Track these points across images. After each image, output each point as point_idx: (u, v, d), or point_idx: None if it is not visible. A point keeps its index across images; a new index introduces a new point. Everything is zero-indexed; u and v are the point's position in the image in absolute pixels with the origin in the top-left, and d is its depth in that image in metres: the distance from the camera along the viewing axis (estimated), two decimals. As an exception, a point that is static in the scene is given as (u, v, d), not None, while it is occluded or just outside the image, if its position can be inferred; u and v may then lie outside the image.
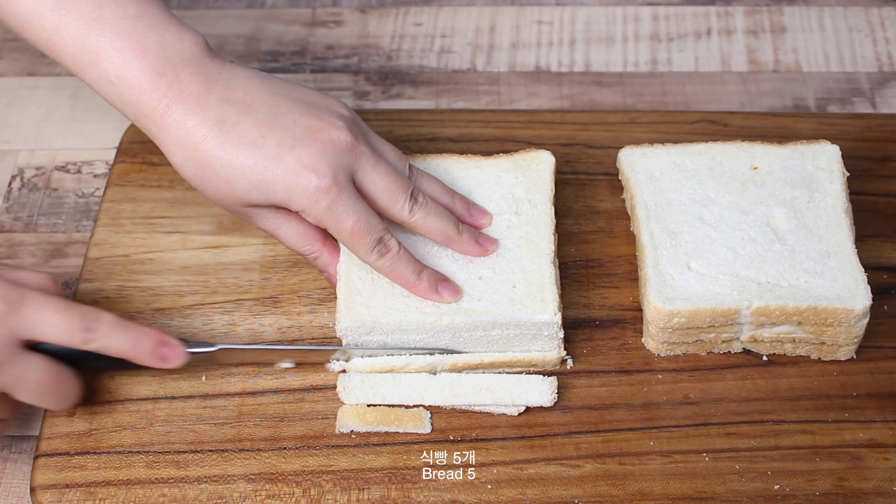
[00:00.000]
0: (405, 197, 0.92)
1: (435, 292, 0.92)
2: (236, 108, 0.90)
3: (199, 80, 0.90)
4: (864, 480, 0.88)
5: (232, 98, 0.90)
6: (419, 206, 0.93)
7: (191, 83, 0.89)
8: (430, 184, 0.96)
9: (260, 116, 0.90)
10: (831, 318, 0.91)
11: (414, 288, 0.92)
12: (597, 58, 1.22)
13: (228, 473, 0.89)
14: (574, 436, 0.91)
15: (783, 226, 0.96)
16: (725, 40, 1.23)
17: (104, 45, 0.89)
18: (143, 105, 0.89)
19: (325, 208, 0.89)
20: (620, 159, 1.02)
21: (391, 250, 0.92)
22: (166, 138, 0.90)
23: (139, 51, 0.89)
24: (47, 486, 0.88)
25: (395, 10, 1.26)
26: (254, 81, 0.92)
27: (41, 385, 0.86)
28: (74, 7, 0.89)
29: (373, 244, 0.91)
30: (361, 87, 1.19)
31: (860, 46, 1.22)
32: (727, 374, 0.94)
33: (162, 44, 0.89)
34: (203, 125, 0.89)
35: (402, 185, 0.92)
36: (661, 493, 0.88)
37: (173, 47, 0.90)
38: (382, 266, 0.92)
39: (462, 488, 0.88)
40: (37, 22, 0.90)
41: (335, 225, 0.90)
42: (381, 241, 0.91)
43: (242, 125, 0.89)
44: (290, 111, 0.91)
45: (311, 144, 0.89)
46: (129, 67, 0.89)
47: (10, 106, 1.18)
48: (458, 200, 0.97)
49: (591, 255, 1.01)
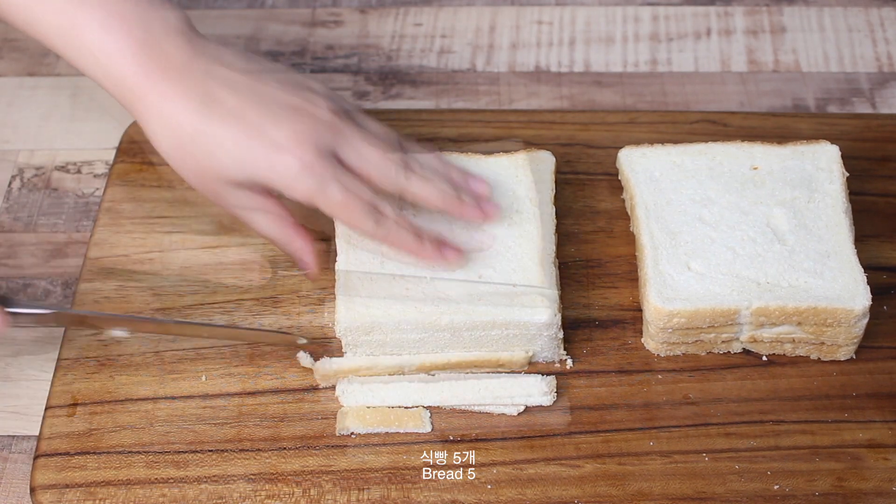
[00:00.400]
0: (398, 163, 0.91)
1: (439, 255, 0.92)
2: (219, 83, 0.89)
3: (182, 51, 0.89)
4: (864, 480, 0.88)
5: (214, 72, 0.89)
6: (415, 174, 0.92)
7: (174, 54, 0.89)
8: (423, 155, 0.95)
9: (243, 92, 0.89)
10: (831, 318, 0.91)
11: (418, 252, 0.91)
12: (596, 58, 1.22)
13: (228, 473, 0.89)
14: (574, 436, 0.91)
15: (783, 226, 0.96)
16: (725, 40, 1.23)
17: (86, 17, 0.88)
18: (127, 83, 0.89)
19: (312, 184, 0.88)
20: (620, 159, 1.02)
21: (387, 215, 0.90)
22: (149, 115, 0.89)
23: (121, 21, 0.88)
24: (47, 486, 0.88)
25: (395, 10, 1.26)
26: (237, 59, 0.91)
27: None
28: None
29: (366, 211, 0.89)
30: (361, 87, 1.19)
31: (860, 46, 1.22)
32: (727, 375, 0.94)
33: (145, 19, 0.89)
34: (186, 100, 0.88)
35: (392, 155, 0.91)
36: (661, 494, 0.88)
37: (156, 20, 0.89)
38: (381, 233, 0.90)
39: (462, 488, 0.88)
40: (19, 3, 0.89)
41: (323, 198, 0.89)
42: (374, 206, 0.90)
43: (225, 101, 0.88)
44: (273, 89, 0.90)
45: (294, 121, 0.89)
46: (111, 39, 0.88)
47: (10, 106, 1.18)
48: (454, 170, 0.95)
49: (591, 255, 1.01)
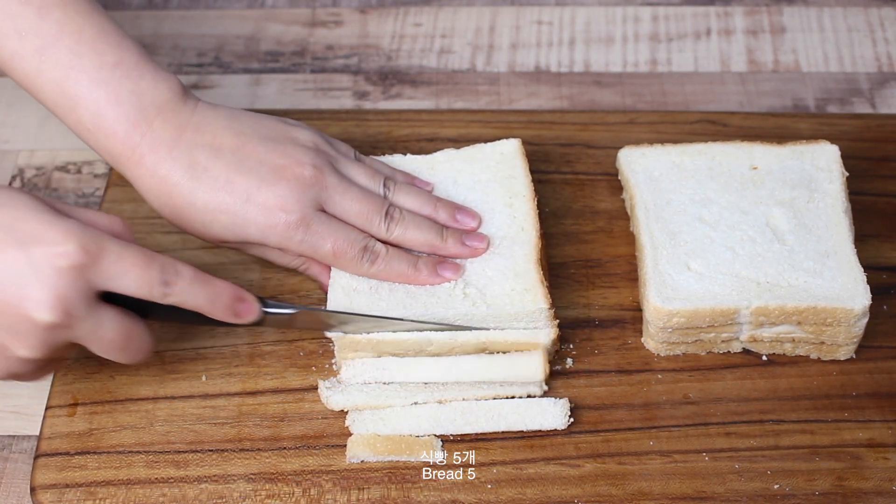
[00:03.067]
0: (380, 217, 0.95)
1: (437, 276, 0.94)
2: (205, 153, 0.92)
3: (171, 126, 0.92)
4: (864, 480, 0.88)
5: (201, 142, 0.93)
6: (395, 223, 0.95)
7: (163, 131, 0.92)
8: (409, 196, 0.98)
9: (228, 160, 0.92)
10: (831, 317, 0.91)
11: (415, 279, 0.94)
12: (596, 58, 1.22)
13: (228, 473, 0.89)
14: (574, 435, 0.91)
15: (783, 226, 0.96)
16: (725, 40, 1.23)
17: (82, 94, 0.91)
18: (118, 154, 0.92)
19: (300, 241, 0.93)
20: (620, 159, 1.02)
21: (379, 254, 0.94)
22: (142, 185, 0.93)
23: (115, 101, 0.91)
24: (47, 485, 0.88)
25: (395, 10, 1.26)
26: (221, 123, 0.94)
27: (115, 340, 0.85)
28: (53, 54, 0.91)
29: (359, 256, 0.93)
30: (361, 87, 1.19)
31: (860, 46, 1.22)
32: (727, 374, 0.94)
33: (137, 93, 0.92)
34: (174, 172, 0.92)
35: (374, 206, 0.95)
36: (661, 493, 0.88)
37: (148, 95, 0.92)
38: (377, 272, 0.94)
39: (462, 488, 0.88)
40: (18, 65, 0.92)
41: (315, 252, 0.93)
42: (366, 249, 0.94)
43: (211, 170, 0.92)
44: (257, 151, 0.93)
45: (278, 184, 0.92)
46: (104, 117, 0.91)
47: (10, 106, 1.18)
48: (441, 208, 0.98)
49: (591, 255, 1.01)
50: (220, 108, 0.96)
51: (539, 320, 0.92)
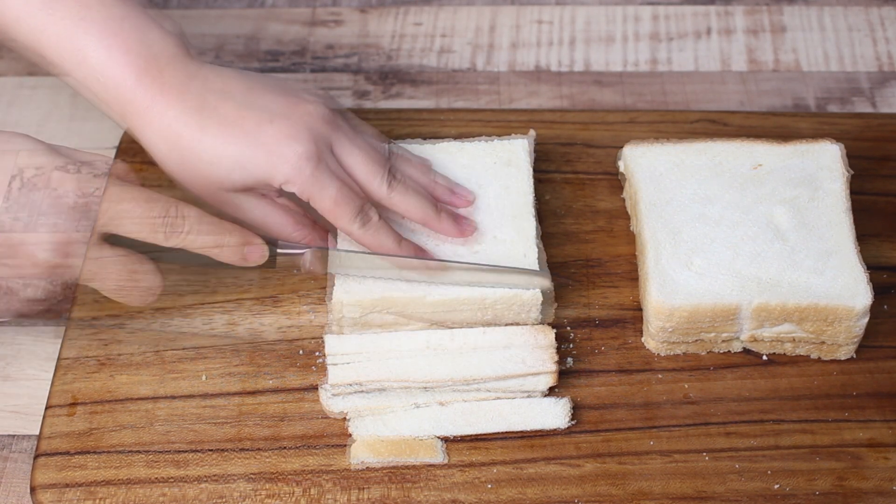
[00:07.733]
0: (383, 173, 0.94)
1: None
2: (215, 95, 0.92)
3: (181, 74, 0.92)
4: (864, 480, 0.88)
5: (211, 88, 0.92)
6: (398, 183, 0.94)
7: (172, 78, 0.92)
8: (410, 165, 0.98)
9: (238, 100, 0.92)
10: (832, 316, 0.91)
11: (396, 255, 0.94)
12: (597, 57, 1.22)
13: (228, 473, 0.89)
14: (574, 435, 0.91)
15: (784, 224, 0.96)
16: (725, 40, 1.23)
17: (90, 44, 0.91)
18: (127, 101, 0.92)
19: (309, 175, 0.91)
20: (623, 157, 1.02)
21: (372, 220, 0.93)
22: (149, 131, 0.92)
23: (124, 49, 0.91)
24: (47, 485, 0.88)
25: (395, 10, 1.26)
26: (231, 73, 0.94)
27: (122, 281, 0.85)
28: (61, 7, 0.92)
29: (355, 213, 0.92)
30: (361, 86, 1.19)
31: (860, 46, 1.22)
32: (727, 374, 0.94)
33: (146, 43, 0.92)
34: (184, 113, 0.91)
35: (380, 160, 0.94)
36: (661, 493, 0.88)
37: (157, 46, 0.92)
38: (364, 235, 0.93)
39: (462, 488, 0.88)
40: (24, 22, 0.92)
41: (319, 192, 0.91)
42: (362, 210, 0.92)
43: (221, 109, 0.91)
44: (267, 93, 0.93)
45: (290, 117, 0.91)
46: (114, 64, 0.91)
47: (10, 106, 1.18)
48: (439, 181, 0.98)
49: (591, 255, 1.01)
50: (227, 67, 0.96)
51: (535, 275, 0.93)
